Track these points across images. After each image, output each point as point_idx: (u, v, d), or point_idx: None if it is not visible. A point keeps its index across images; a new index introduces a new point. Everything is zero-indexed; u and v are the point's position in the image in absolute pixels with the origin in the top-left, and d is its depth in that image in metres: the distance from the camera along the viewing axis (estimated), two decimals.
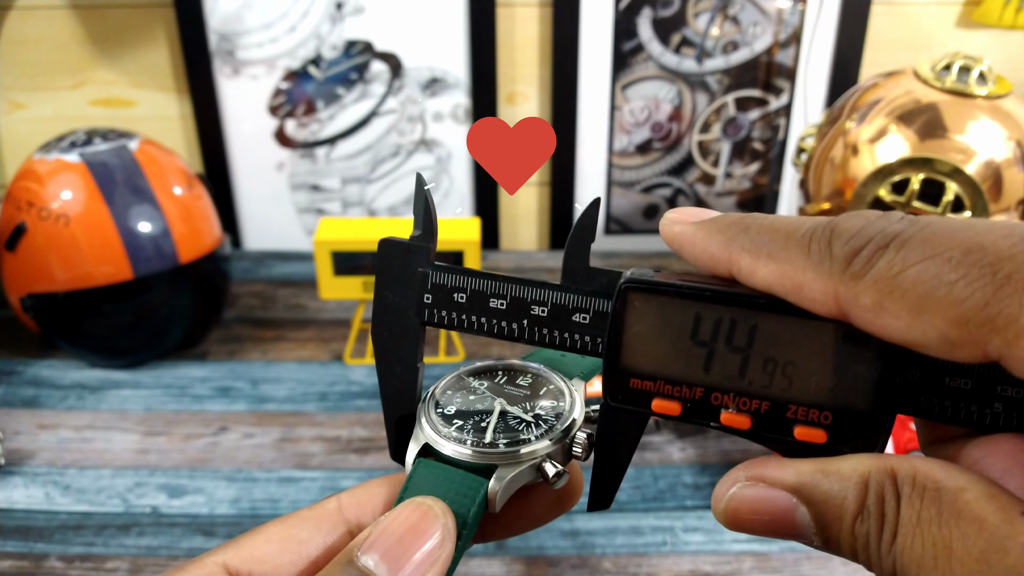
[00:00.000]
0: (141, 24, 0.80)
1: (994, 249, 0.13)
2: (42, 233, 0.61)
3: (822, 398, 0.16)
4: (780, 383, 0.16)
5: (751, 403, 0.17)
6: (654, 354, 0.17)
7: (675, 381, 0.17)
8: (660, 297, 0.17)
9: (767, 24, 0.79)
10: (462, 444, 0.19)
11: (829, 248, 0.15)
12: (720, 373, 0.17)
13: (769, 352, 0.16)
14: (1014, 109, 0.57)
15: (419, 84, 0.81)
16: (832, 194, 0.61)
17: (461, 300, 0.19)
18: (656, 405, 0.17)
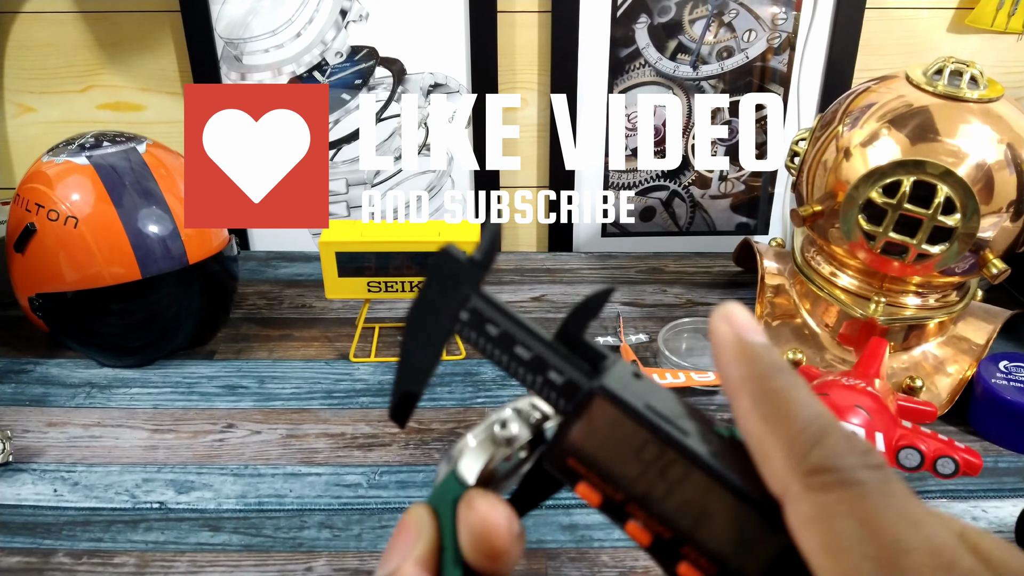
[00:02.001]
0: (149, 30, 0.81)
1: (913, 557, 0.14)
2: (51, 234, 0.62)
3: (716, 553, 0.18)
4: (688, 523, 0.18)
5: (657, 527, 0.18)
6: (598, 448, 0.19)
7: (605, 478, 0.19)
8: (621, 413, 0.19)
9: (761, 30, 0.81)
10: None
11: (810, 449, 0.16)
12: (644, 491, 0.18)
13: (692, 496, 0.18)
14: (1005, 112, 0.58)
15: (422, 89, 0.83)
16: (824, 196, 0.62)
17: (492, 333, 0.20)
18: (580, 489, 0.19)
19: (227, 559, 0.48)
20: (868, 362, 0.57)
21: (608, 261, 0.86)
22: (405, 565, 0.18)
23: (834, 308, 0.65)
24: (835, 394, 0.51)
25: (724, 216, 0.89)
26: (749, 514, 0.17)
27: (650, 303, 0.78)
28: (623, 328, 0.71)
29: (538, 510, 0.59)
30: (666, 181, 0.87)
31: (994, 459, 0.57)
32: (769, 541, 0.17)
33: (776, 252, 0.75)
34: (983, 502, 0.53)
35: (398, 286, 0.66)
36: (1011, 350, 0.65)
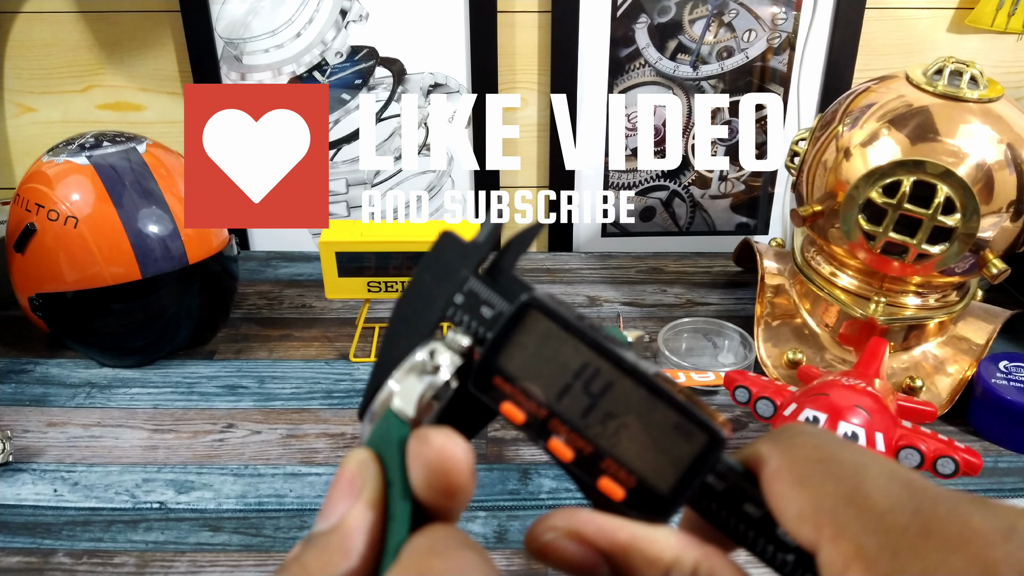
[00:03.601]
0: (149, 30, 0.81)
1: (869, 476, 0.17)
2: (51, 234, 0.62)
3: (635, 464, 0.18)
4: (609, 437, 0.19)
5: (579, 442, 0.19)
6: (525, 366, 0.19)
7: (529, 396, 0.19)
8: (551, 323, 0.19)
9: (761, 30, 0.81)
10: None
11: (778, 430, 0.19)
12: (567, 407, 0.19)
13: (613, 408, 0.18)
14: (1005, 112, 0.58)
15: (422, 89, 0.83)
16: (824, 196, 0.62)
17: (486, 315, 0.21)
18: (505, 407, 0.19)
19: (227, 559, 0.48)
20: (868, 362, 0.57)
21: (608, 261, 0.86)
22: (355, 509, 0.18)
23: (834, 308, 0.65)
24: (835, 394, 0.51)
25: (724, 216, 0.89)
26: (666, 420, 0.18)
27: (650, 303, 0.78)
28: (623, 328, 0.71)
29: (539, 510, 0.59)
30: (666, 181, 0.87)
31: (994, 459, 0.57)
32: (684, 447, 0.18)
33: (776, 252, 0.75)
34: None
35: (398, 286, 0.66)
36: (1011, 350, 0.65)
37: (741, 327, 0.68)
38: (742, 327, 0.68)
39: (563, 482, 0.54)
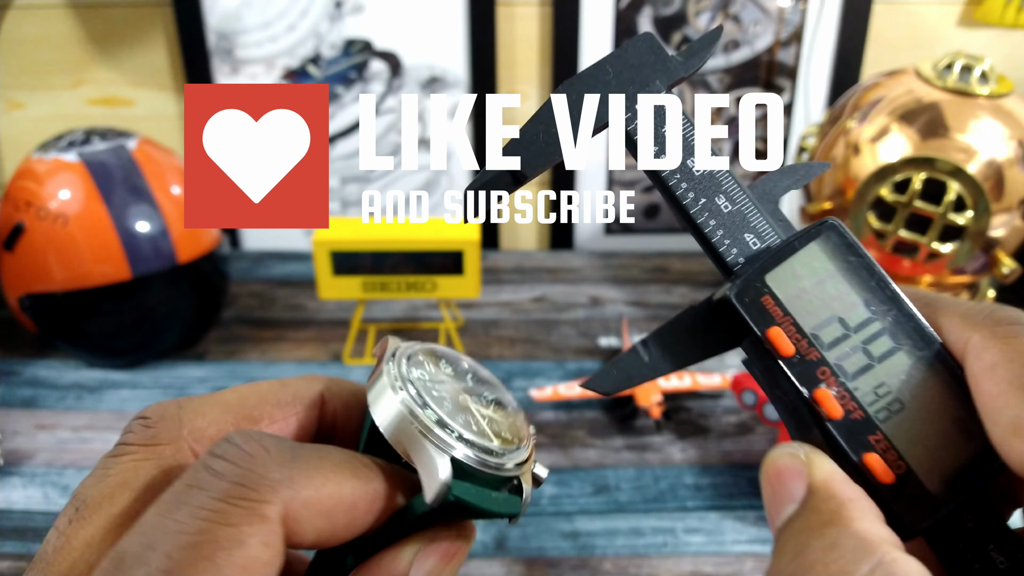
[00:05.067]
0: (140, 23, 0.80)
1: None
2: (40, 233, 0.61)
3: (906, 448, 0.16)
4: (881, 409, 0.16)
5: (850, 403, 0.17)
6: (801, 294, 0.17)
7: (801, 331, 0.17)
8: (849, 255, 0.17)
9: (768, 23, 0.79)
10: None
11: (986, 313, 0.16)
12: (839, 359, 0.17)
13: (892, 379, 0.16)
14: (1016, 108, 0.57)
15: (418, 83, 0.81)
16: (833, 193, 0.61)
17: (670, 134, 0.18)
18: (773, 333, 0.17)
19: None
20: None
21: (611, 260, 0.85)
22: None
23: None
24: None
25: None
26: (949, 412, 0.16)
27: (654, 303, 0.77)
28: (626, 330, 0.70)
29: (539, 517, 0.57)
30: None
31: None
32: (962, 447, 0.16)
33: None
34: None
35: (394, 286, 0.64)
36: None
37: None
38: None
39: (564, 488, 0.53)
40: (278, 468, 0.15)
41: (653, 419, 0.57)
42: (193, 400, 0.18)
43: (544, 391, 0.59)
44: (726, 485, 0.53)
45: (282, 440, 0.16)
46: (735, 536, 0.49)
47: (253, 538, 0.14)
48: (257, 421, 0.18)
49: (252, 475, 0.14)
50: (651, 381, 0.59)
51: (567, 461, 0.56)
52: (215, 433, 0.17)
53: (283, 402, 0.19)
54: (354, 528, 0.16)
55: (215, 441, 0.16)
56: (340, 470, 0.16)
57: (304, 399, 0.19)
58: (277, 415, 0.18)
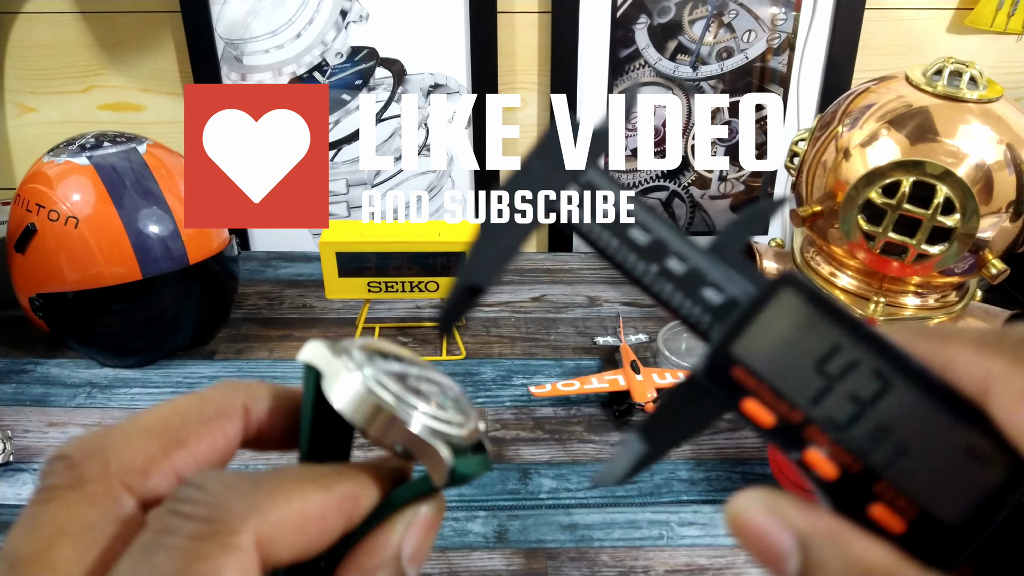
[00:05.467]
0: (149, 30, 0.81)
1: None
2: (51, 235, 0.62)
3: (918, 491, 0.15)
4: (883, 455, 0.15)
5: (844, 457, 0.15)
6: (772, 357, 0.16)
7: (779, 394, 0.16)
8: (813, 307, 0.16)
9: (761, 31, 0.81)
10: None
11: (1000, 338, 0.15)
12: (828, 413, 0.16)
13: (888, 420, 0.15)
14: (1005, 112, 0.58)
15: (422, 90, 0.83)
16: (824, 197, 0.62)
17: (604, 214, 0.18)
18: (748, 405, 0.16)
19: None
20: None
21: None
22: None
23: None
24: None
25: (724, 216, 0.89)
26: (957, 442, 0.15)
27: (649, 303, 0.78)
28: (623, 328, 0.71)
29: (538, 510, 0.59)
30: (666, 181, 0.87)
31: None
32: (979, 476, 0.15)
33: (776, 252, 0.75)
34: None
35: (398, 286, 0.66)
36: None
37: None
38: None
39: (563, 482, 0.55)
40: (243, 499, 0.15)
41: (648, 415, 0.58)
42: (112, 431, 0.17)
43: (543, 388, 0.60)
44: (720, 479, 0.55)
45: (239, 473, 0.16)
46: None
47: (230, 567, 0.14)
48: (184, 442, 0.17)
49: (220, 511, 0.15)
50: (647, 379, 0.61)
51: (566, 456, 0.57)
52: (144, 463, 0.17)
53: (206, 418, 0.18)
54: (328, 535, 0.16)
55: (146, 472, 0.16)
56: (302, 485, 0.16)
57: (226, 411, 0.18)
58: (203, 433, 0.18)
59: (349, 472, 0.17)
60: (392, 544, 0.17)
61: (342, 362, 0.18)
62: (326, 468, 0.17)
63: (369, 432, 0.17)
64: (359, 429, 0.18)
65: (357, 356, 0.18)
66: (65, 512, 0.16)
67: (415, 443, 0.17)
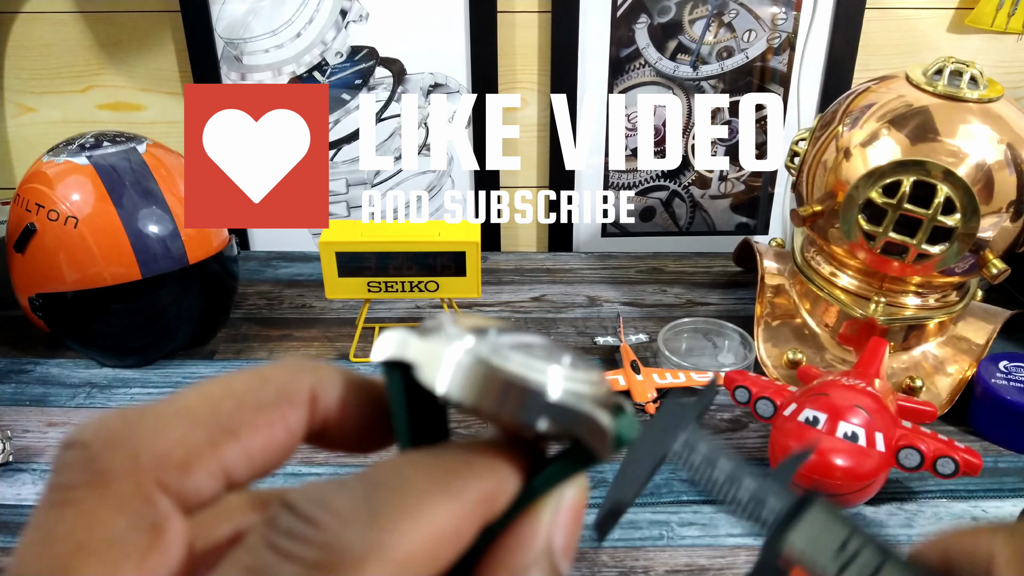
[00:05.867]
0: (148, 29, 0.81)
1: None
2: (51, 234, 0.62)
3: None
4: None
5: None
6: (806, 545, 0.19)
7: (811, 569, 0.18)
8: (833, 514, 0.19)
9: (761, 30, 0.81)
10: None
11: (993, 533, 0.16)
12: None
13: None
14: (1005, 112, 0.58)
15: (421, 89, 0.83)
16: (824, 196, 0.62)
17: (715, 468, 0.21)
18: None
19: None
20: (868, 362, 0.57)
21: (608, 261, 0.86)
22: None
23: (834, 308, 0.65)
24: (835, 394, 0.51)
25: (724, 216, 0.89)
26: None
27: (650, 303, 0.78)
28: (623, 328, 0.71)
29: None
30: (666, 181, 0.87)
31: (994, 459, 0.57)
32: None
33: (776, 252, 0.75)
34: (983, 502, 0.53)
35: (398, 286, 0.66)
36: (1011, 350, 0.65)
37: (741, 327, 0.68)
38: (742, 327, 0.68)
39: None
40: (360, 533, 0.12)
41: (649, 415, 0.58)
42: (145, 412, 0.14)
43: None
44: None
45: (346, 486, 0.12)
46: (729, 529, 0.51)
47: None
48: (235, 433, 0.14)
49: (331, 554, 0.12)
50: (647, 379, 0.61)
51: None
52: (184, 456, 0.13)
53: (265, 404, 0.14)
54: (462, 547, 0.13)
55: (186, 467, 0.13)
56: (430, 498, 0.13)
57: (291, 397, 0.15)
58: (260, 422, 0.14)
59: (481, 463, 0.14)
60: (542, 536, 0.14)
61: (438, 342, 0.14)
62: (452, 461, 0.14)
63: (501, 415, 0.14)
64: (487, 415, 0.14)
65: (451, 330, 0.15)
66: (85, 521, 0.12)
67: (562, 414, 0.14)
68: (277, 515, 0.12)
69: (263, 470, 0.15)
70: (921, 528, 0.51)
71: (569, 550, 0.15)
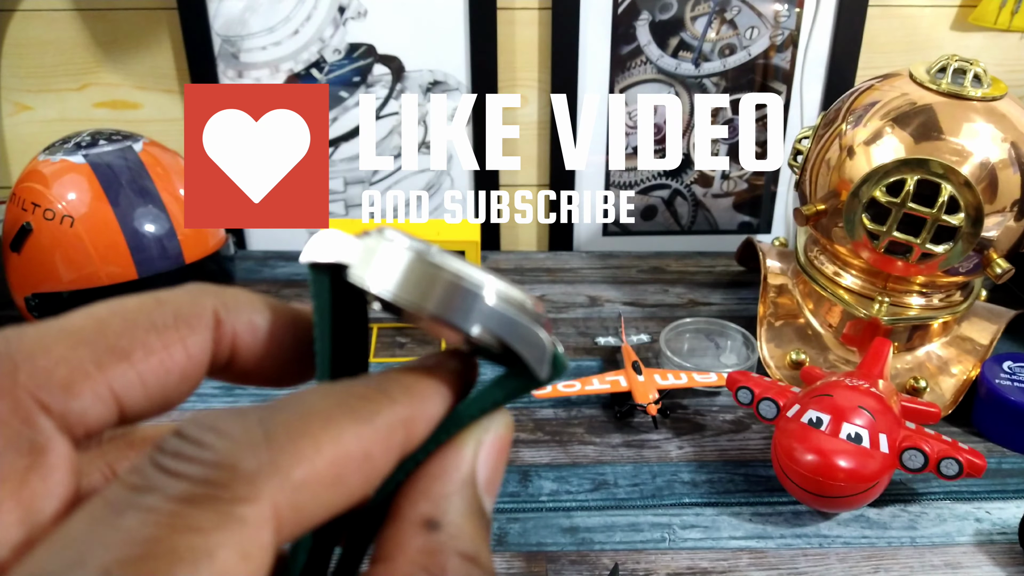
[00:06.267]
0: (145, 27, 0.81)
1: None
2: (47, 234, 0.62)
3: None
4: None
5: None
6: None
7: None
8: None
9: (764, 27, 0.80)
10: None
11: None
12: None
13: None
14: (1009, 110, 0.58)
15: (420, 87, 0.82)
16: (828, 195, 0.61)
17: None
18: None
19: None
20: (872, 363, 0.57)
21: (609, 260, 0.85)
22: None
23: (837, 308, 0.65)
24: (838, 395, 0.51)
25: (726, 215, 0.88)
26: None
27: (651, 303, 0.77)
28: (624, 328, 0.71)
29: (538, 512, 0.58)
30: (668, 180, 0.87)
31: (998, 460, 0.56)
32: None
33: (779, 251, 0.75)
34: (987, 503, 0.53)
35: None
36: (1015, 350, 0.65)
37: (744, 327, 0.68)
38: (745, 327, 0.68)
39: (563, 484, 0.54)
40: (251, 453, 0.11)
41: (650, 416, 0.57)
42: (26, 330, 0.13)
43: (544, 388, 0.60)
44: (722, 481, 0.54)
45: (241, 413, 0.12)
46: (731, 532, 0.50)
47: (225, 548, 0.10)
48: (126, 353, 0.13)
49: (222, 471, 0.11)
50: (649, 380, 0.60)
51: (566, 457, 0.56)
52: (67, 375, 0.12)
53: (160, 326, 0.13)
54: (377, 475, 0.13)
55: (69, 387, 0.12)
56: (335, 422, 0.12)
57: (189, 320, 0.14)
58: (154, 344, 0.13)
59: (397, 388, 0.13)
60: (465, 464, 0.13)
61: (375, 241, 0.14)
62: (364, 387, 0.13)
63: (438, 318, 0.13)
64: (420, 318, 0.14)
65: (389, 233, 0.14)
66: None
67: (500, 322, 0.13)
68: (166, 439, 0.11)
69: (162, 400, 0.14)
70: (925, 530, 0.51)
71: (492, 485, 0.14)
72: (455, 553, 0.13)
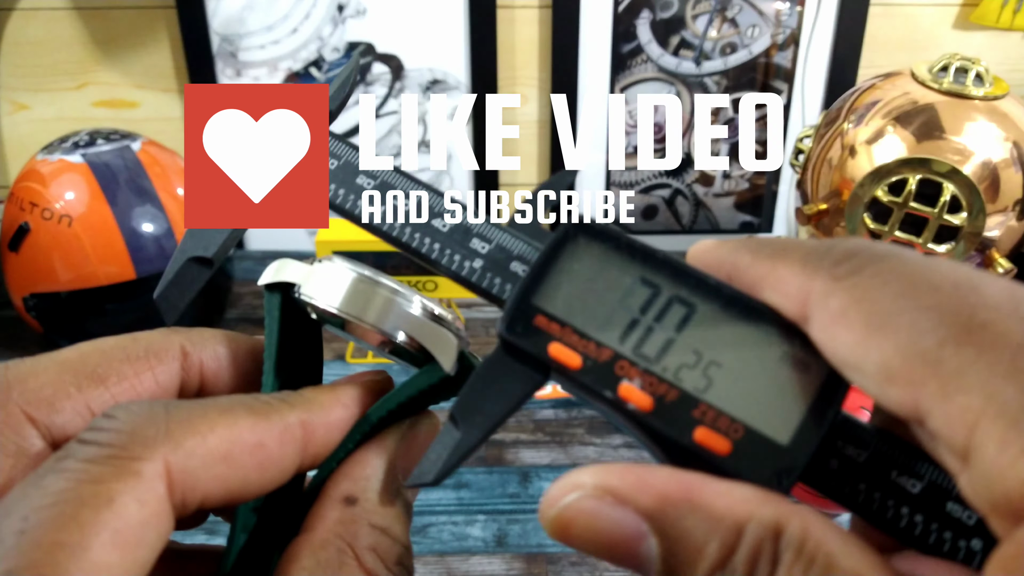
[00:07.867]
0: (143, 26, 0.81)
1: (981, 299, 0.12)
2: (45, 233, 0.62)
3: (739, 410, 0.15)
4: (698, 380, 0.15)
5: (659, 386, 0.15)
6: (573, 301, 0.16)
7: (584, 335, 0.15)
8: (606, 246, 0.16)
9: (765, 26, 0.80)
10: None
11: (824, 253, 0.14)
12: (635, 346, 0.15)
13: (698, 344, 0.15)
14: (1011, 110, 0.58)
15: (420, 85, 0.82)
16: (829, 195, 0.61)
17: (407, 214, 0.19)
18: (554, 349, 0.15)
19: None
20: None
21: None
22: None
23: None
24: None
25: (728, 214, 0.88)
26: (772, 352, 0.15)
27: None
28: None
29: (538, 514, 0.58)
30: (669, 179, 0.86)
31: None
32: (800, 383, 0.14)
33: None
34: None
35: None
36: None
37: None
38: None
39: None
40: (151, 424, 0.14)
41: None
42: (23, 361, 0.16)
43: (544, 389, 0.59)
44: None
45: (158, 401, 0.14)
46: None
47: (124, 496, 0.13)
48: (103, 379, 0.16)
49: (123, 436, 0.13)
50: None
51: (566, 458, 0.56)
52: (52, 394, 0.15)
53: (132, 357, 0.16)
54: (277, 466, 0.15)
55: (53, 405, 0.15)
56: (231, 412, 0.15)
57: (159, 352, 0.17)
58: (126, 371, 0.16)
59: (301, 399, 0.16)
60: (386, 453, 0.16)
61: (321, 264, 0.18)
62: (270, 396, 0.16)
63: (365, 320, 0.17)
64: (356, 328, 0.17)
65: (334, 259, 0.18)
66: None
67: (419, 328, 0.17)
68: (93, 420, 0.14)
69: None
70: None
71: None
72: (367, 524, 0.15)
